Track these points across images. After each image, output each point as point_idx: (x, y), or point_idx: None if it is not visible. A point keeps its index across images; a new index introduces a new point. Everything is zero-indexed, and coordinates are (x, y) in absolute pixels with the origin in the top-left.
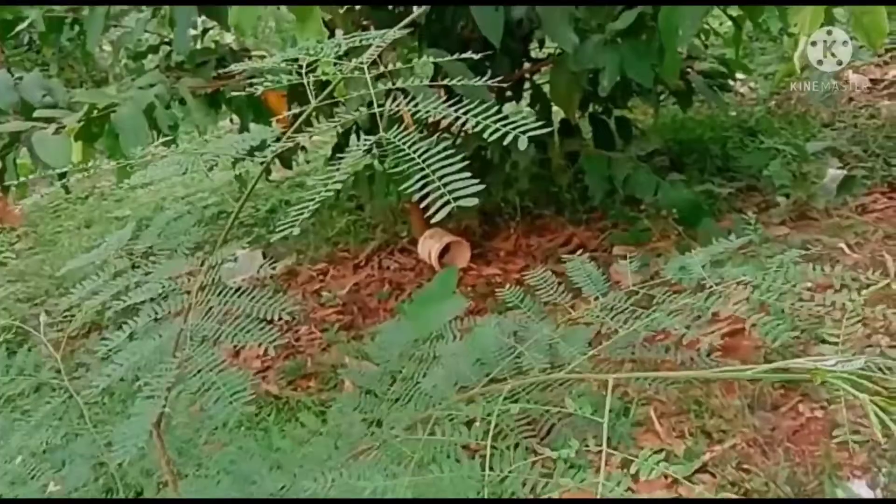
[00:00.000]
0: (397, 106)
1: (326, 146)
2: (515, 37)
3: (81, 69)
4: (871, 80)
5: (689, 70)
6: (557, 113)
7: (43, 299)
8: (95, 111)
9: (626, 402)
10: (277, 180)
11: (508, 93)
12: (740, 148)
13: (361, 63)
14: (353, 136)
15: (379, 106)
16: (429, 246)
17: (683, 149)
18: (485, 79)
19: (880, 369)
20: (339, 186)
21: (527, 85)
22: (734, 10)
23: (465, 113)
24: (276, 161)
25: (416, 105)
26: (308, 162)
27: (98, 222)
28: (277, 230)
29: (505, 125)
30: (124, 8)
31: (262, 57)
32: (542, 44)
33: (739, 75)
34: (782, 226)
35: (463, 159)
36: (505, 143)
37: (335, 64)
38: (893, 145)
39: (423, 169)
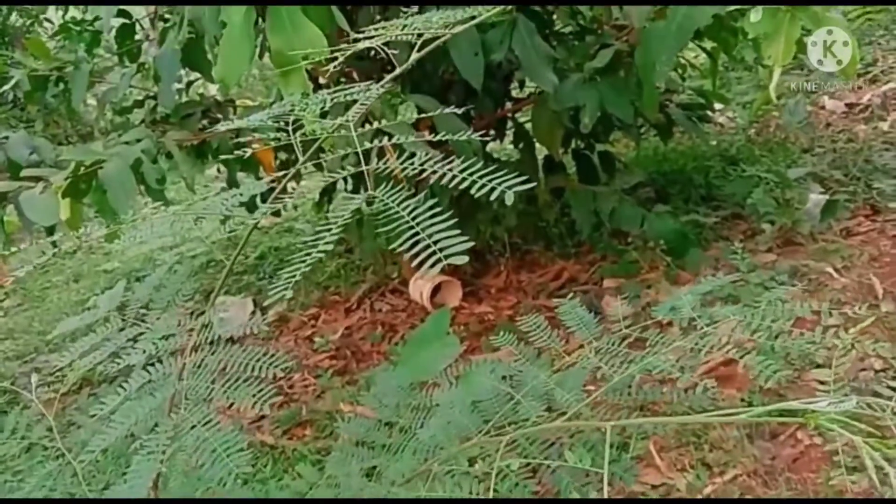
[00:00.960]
0: (385, 163)
1: (314, 190)
2: (496, 78)
3: (67, 124)
4: (847, 105)
5: (668, 103)
6: (541, 150)
7: (33, 356)
8: (82, 168)
9: (624, 437)
10: (266, 226)
11: (493, 132)
12: (723, 177)
13: (347, 120)
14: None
15: (366, 161)
16: (420, 286)
17: (667, 180)
18: (468, 133)
19: (871, 407)
20: (329, 247)
21: (510, 123)
22: (709, 43)
23: (451, 169)
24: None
25: (404, 160)
26: (296, 207)
27: (87, 276)
28: (270, 294)
29: (491, 180)
30: (108, 63)
31: (248, 106)
32: (522, 84)
33: (718, 105)
34: (769, 252)
35: (450, 199)
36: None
37: (322, 118)
38: (873, 168)
39: (412, 227)
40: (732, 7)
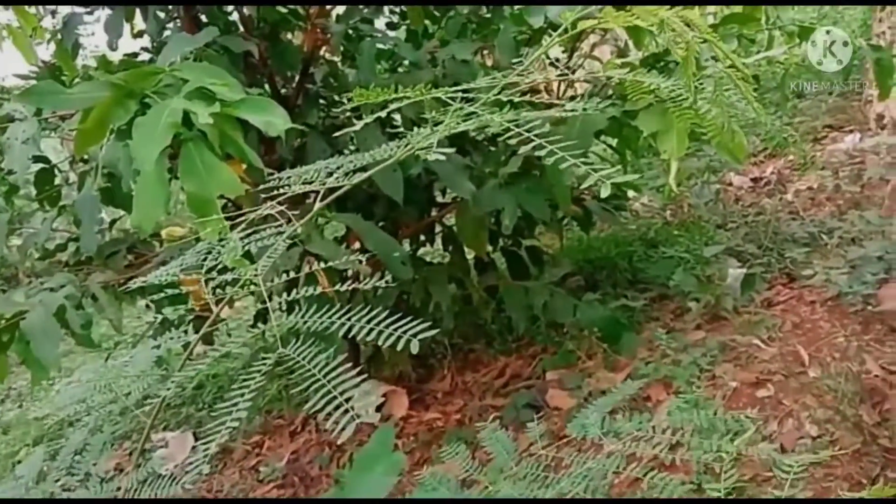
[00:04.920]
0: (296, 320)
1: (248, 310)
2: (418, 188)
3: None
4: (752, 179)
5: (584, 196)
6: (471, 250)
7: None
8: (3, 320)
9: None
10: (201, 353)
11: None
12: (646, 259)
13: (270, 257)
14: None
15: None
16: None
17: (594, 267)
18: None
19: None
20: (248, 405)
21: (438, 228)
22: (613, 141)
23: (359, 320)
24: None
25: (308, 316)
26: (229, 334)
27: (17, 426)
28: (202, 451)
29: (396, 329)
30: (28, 210)
31: (175, 236)
32: (444, 191)
33: (632, 193)
34: (698, 330)
35: (386, 308)
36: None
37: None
38: (783, 238)
39: (324, 385)
40: (625, 108)
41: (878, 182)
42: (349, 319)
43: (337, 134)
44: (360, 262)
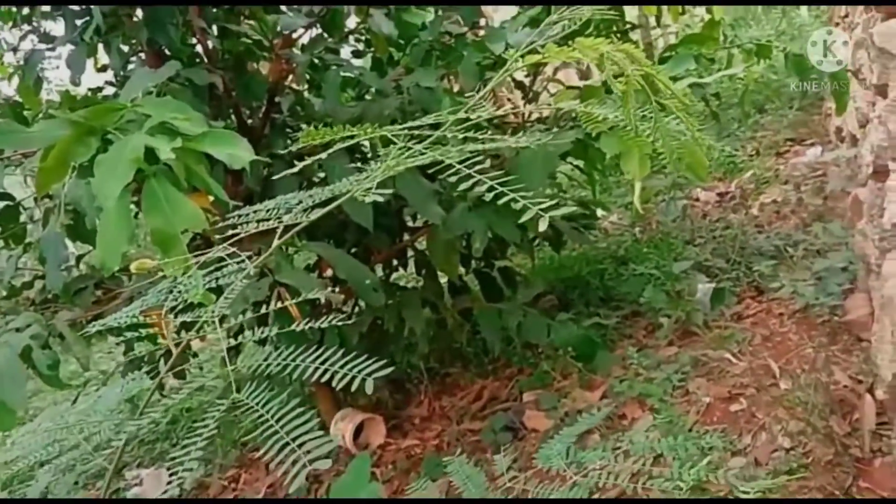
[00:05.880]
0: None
1: (222, 342)
2: (388, 214)
3: None
4: (718, 195)
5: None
6: (444, 274)
7: None
8: None
9: None
10: (176, 387)
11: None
12: (616, 277)
13: (227, 298)
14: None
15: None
16: (341, 428)
17: (567, 286)
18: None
19: None
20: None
21: (411, 252)
22: (579, 161)
23: (314, 361)
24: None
25: (272, 357)
26: (201, 368)
27: None
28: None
29: (351, 369)
30: None
31: (144, 269)
32: (415, 216)
33: (601, 211)
34: (670, 346)
35: (360, 335)
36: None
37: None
38: (750, 252)
39: (277, 431)
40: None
41: (840, 194)
42: (303, 361)
43: (301, 165)
44: (334, 290)
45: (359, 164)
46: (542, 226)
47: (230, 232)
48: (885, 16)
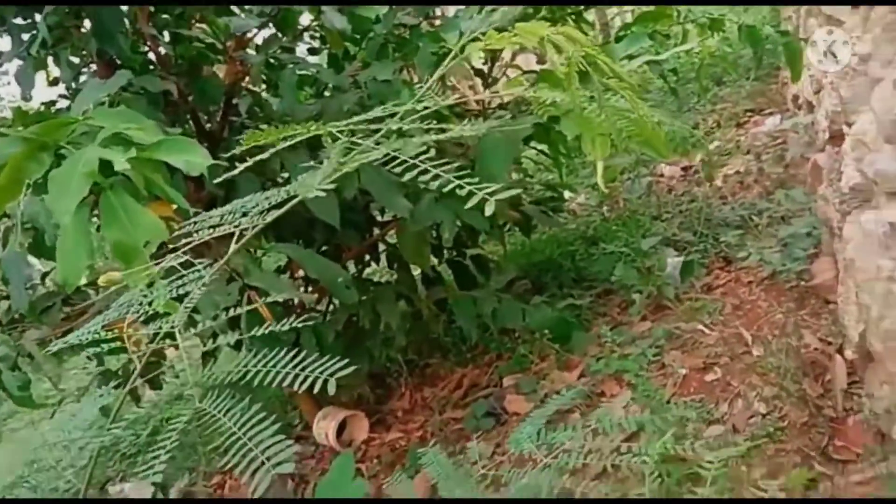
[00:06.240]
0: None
1: (198, 349)
2: (355, 209)
3: None
4: (682, 169)
5: (521, 202)
6: (416, 266)
7: None
8: None
9: None
10: (155, 398)
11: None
12: (587, 258)
13: (186, 307)
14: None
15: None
16: (324, 427)
17: (539, 270)
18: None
19: None
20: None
21: (382, 246)
22: (543, 146)
23: (288, 364)
24: (147, 385)
25: (244, 365)
26: (177, 376)
27: None
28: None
29: (314, 370)
30: None
31: (111, 281)
32: (383, 210)
33: (569, 193)
34: (644, 321)
35: (336, 333)
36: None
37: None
38: (716, 223)
39: (240, 438)
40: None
41: (801, 160)
42: (278, 364)
43: (250, 161)
44: (307, 290)
45: (318, 163)
46: (489, 209)
47: (186, 240)
48: None
